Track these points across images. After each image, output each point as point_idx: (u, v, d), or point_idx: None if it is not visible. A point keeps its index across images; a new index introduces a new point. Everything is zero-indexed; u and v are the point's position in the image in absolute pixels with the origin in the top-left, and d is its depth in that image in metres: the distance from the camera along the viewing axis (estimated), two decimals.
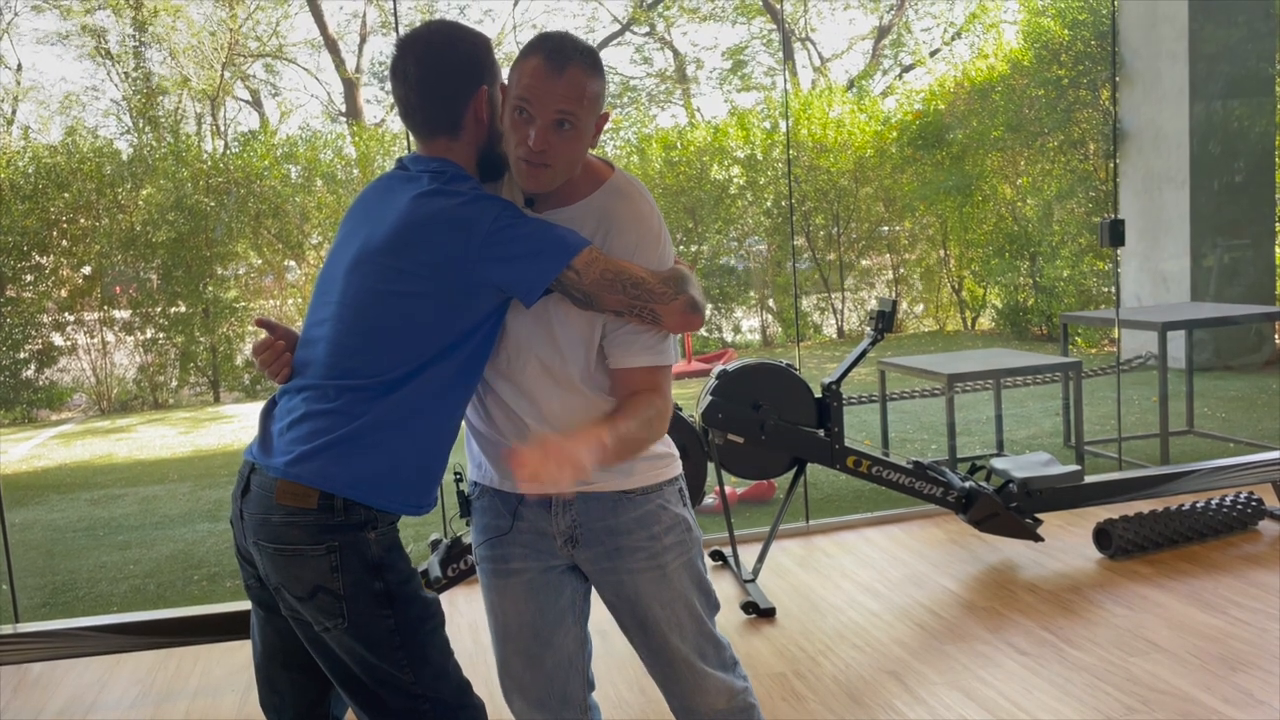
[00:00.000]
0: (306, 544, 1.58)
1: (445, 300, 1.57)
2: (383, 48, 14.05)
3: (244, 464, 1.69)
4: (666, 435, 1.78)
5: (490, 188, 1.70)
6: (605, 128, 1.67)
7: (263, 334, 1.74)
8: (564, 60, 1.56)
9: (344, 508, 1.58)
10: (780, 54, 15.29)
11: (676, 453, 1.80)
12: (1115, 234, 4.51)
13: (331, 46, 13.15)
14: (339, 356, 1.61)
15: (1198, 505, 3.78)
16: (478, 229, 1.56)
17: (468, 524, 1.98)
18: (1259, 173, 7.25)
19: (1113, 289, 8.21)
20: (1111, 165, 8.63)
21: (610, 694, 2.84)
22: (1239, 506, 3.80)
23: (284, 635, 1.72)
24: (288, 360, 1.72)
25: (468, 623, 3.41)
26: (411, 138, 1.72)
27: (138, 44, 11.22)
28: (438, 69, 1.64)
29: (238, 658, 3.24)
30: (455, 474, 1.73)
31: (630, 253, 1.63)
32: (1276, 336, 7.57)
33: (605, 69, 1.71)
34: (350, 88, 13.40)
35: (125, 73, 11.31)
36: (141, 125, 10.83)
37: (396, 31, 9.73)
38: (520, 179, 1.60)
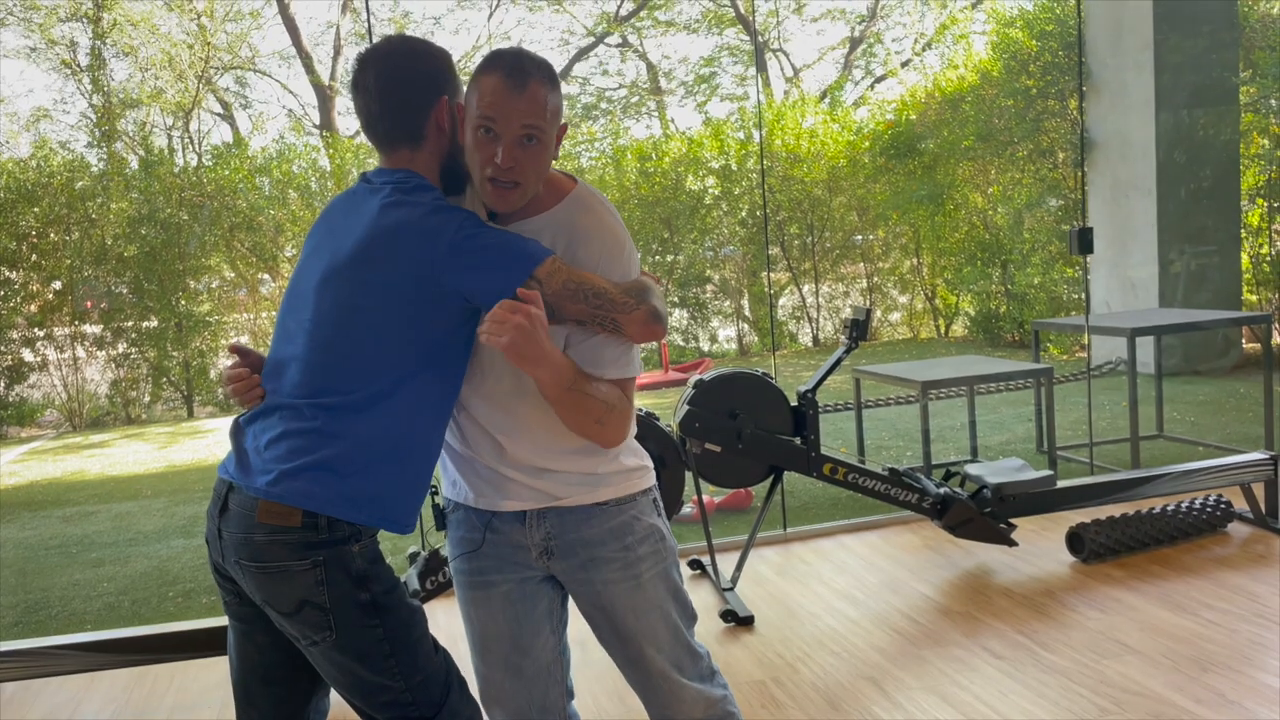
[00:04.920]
0: (291, 560, 1.58)
1: (413, 311, 1.57)
2: (354, 58, 13.99)
3: (220, 482, 1.68)
4: (640, 447, 1.80)
5: (453, 200, 1.69)
6: (564, 136, 1.68)
7: (232, 358, 1.75)
8: (524, 76, 1.57)
9: (328, 525, 1.59)
10: (753, 64, 15.39)
11: (650, 464, 1.80)
12: (1084, 241, 4.57)
13: (305, 58, 13.10)
14: (313, 374, 1.61)
15: (1168, 508, 3.83)
16: (442, 238, 1.57)
17: (444, 536, 2.00)
18: (1224, 180, 7.36)
19: (1083, 295, 8.32)
20: (1080, 174, 8.74)
21: (590, 704, 2.84)
22: (1209, 509, 3.85)
23: (264, 650, 1.72)
24: (257, 383, 1.72)
25: (446, 635, 3.38)
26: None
27: (108, 56, 11.13)
28: (398, 79, 1.65)
29: (213, 674, 3.22)
30: (431, 488, 1.75)
31: (594, 264, 1.63)
32: (1243, 341, 7.69)
33: (568, 80, 1.73)
34: (324, 99, 13.36)
35: (94, 80, 11.20)
36: (111, 138, 10.74)
37: (370, 42, 9.73)
38: (488, 200, 1.60)
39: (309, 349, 1.62)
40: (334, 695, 1.87)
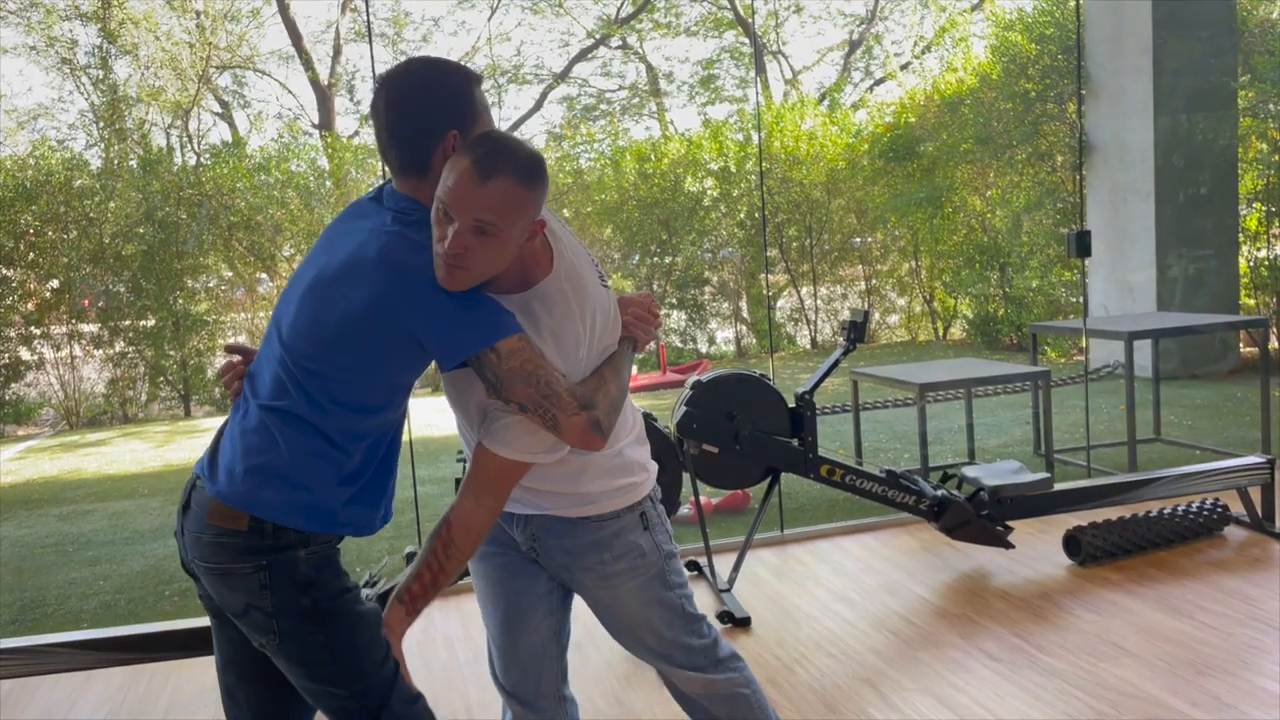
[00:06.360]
0: (234, 563, 1.59)
1: (371, 341, 1.56)
2: (353, 58, 13.99)
3: (191, 476, 1.70)
4: (639, 462, 1.80)
5: None
6: (539, 234, 1.60)
7: (230, 356, 1.77)
8: (492, 169, 1.51)
9: (274, 531, 1.59)
10: (752, 67, 15.40)
11: (640, 477, 1.80)
12: (1082, 245, 4.58)
13: (304, 57, 13.09)
14: (278, 380, 1.62)
15: (1165, 512, 3.84)
16: (418, 279, 1.54)
17: None
18: (1222, 185, 7.38)
19: (1080, 299, 8.33)
20: (1078, 177, 8.76)
21: (586, 705, 2.83)
22: (1205, 513, 3.86)
23: (237, 645, 1.73)
24: (240, 374, 1.73)
25: (442, 635, 3.40)
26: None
27: (109, 55, 11.12)
28: (408, 111, 1.62)
29: (209, 674, 3.20)
30: (459, 459, 1.82)
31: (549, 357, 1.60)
32: (1240, 345, 7.70)
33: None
34: (323, 99, 13.36)
35: (98, 79, 11.19)
36: (110, 138, 10.73)
37: (370, 41, 9.71)
38: (437, 274, 1.54)
39: (280, 355, 1.62)
40: None
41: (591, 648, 3.09)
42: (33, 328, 9.21)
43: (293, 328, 1.62)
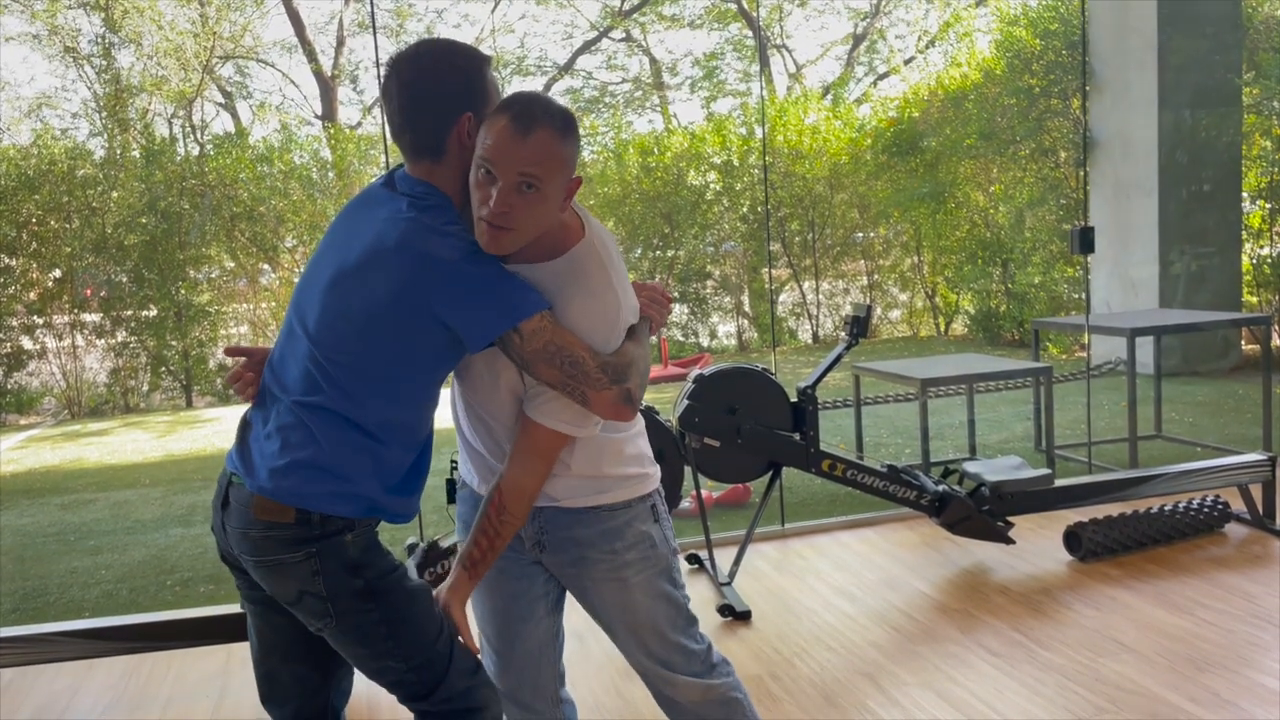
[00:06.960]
0: (285, 553, 1.62)
1: (400, 330, 1.58)
2: (357, 49, 13.96)
3: (224, 473, 1.71)
4: (647, 454, 1.81)
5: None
6: (577, 191, 1.63)
7: (235, 359, 1.78)
8: (531, 122, 1.53)
9: (320, 520, 1.62)
10: (756, 60, 15.37)
11: (651, 470, 1.81)
12: (1085, 241, 4.57)
13: (307, 47, 13.07)
14: (307, 374, 1.63)
15: (1165, 508, 3.84)
16: (438, 264, 1.55)
17: (451, 513, 2.04)
18: (1225, 181, 7.37)
19: (1083, 295, 8.32)
20: (1082, 173, 8.74)
21: (588, 698, 2.84)
22: (1205, 510, 3.86)
23: (279, 630, 1.75)
24: (251, 380, 1.74)
25: None
26: (390, 141, 1.72)
27: (112, 44, 11.11)
28: (421, 93, 1.62)
29: (211, 663, 3.22)
30: (452, 461, 1.79)
31: (575, 328, 1.60)
32: (1243, 343, 7.69)
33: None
34: (326, 89, 13.34)
35: (98, 70, 11.17)
36: (113, 127, 10.72)
37: (374, 32, 9.71)
38: (480, 240, 1.56)
39: (310, 351, 1.63)
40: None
41: (593, 640, 3.10)
42: (35, 317, 9.22)
43: (319, 322, 1.62)
